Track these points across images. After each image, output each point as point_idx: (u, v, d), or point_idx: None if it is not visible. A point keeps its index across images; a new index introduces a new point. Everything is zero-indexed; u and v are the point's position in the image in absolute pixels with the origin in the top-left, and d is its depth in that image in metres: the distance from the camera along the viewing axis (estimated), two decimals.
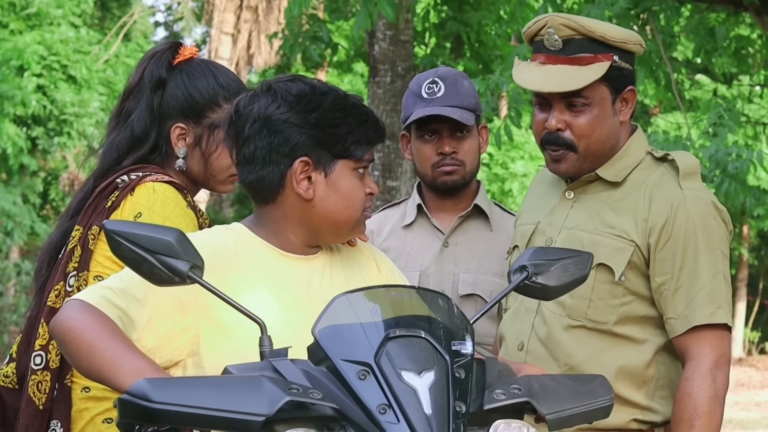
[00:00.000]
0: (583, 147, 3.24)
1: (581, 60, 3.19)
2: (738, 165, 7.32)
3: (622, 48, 3.23)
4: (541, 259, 2.69)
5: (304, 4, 7.90)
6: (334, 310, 2.39)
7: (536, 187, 3.54)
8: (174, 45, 3.37)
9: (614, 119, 3.27)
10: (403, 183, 10.66)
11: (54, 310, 3.13)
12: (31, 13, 20.17)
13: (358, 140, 2.74)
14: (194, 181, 3.33)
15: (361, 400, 2.27)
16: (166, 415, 2.18)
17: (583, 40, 3.19)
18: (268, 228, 2.80)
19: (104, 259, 3.12)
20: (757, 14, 8.46)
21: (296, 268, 2.79)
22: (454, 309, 2.47)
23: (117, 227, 2.47)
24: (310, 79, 2.79)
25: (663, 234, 3.21)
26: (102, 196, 3.20)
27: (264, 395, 2.21)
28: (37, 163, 19.94)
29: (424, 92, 3.78)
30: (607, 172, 3.30)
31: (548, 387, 2.43)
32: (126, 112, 3.33)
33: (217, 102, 3.29)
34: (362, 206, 2.78)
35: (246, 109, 2.75)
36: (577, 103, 3.21)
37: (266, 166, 2.73)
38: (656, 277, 3.22)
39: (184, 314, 2.63)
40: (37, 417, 3.08)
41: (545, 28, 3.21)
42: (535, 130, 3.32)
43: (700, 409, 3.12)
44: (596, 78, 3.18)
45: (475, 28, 11.75)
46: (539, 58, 3.25)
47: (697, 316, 3.17)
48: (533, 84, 3.24)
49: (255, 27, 20.43)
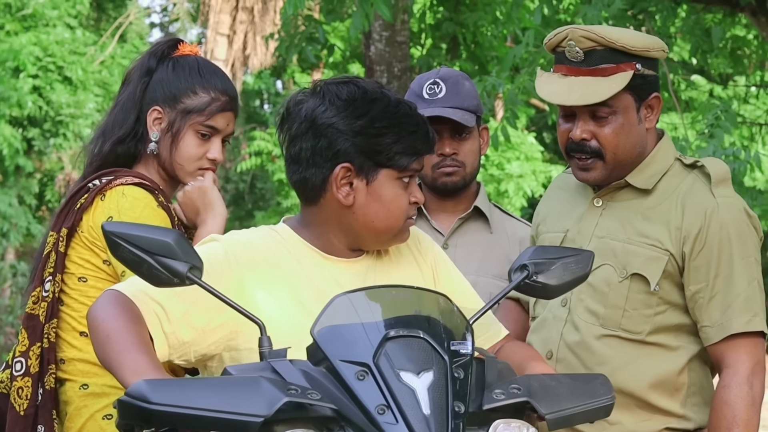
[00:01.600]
0: (610, 155, 3.21)
1: (604, 71, 3.17)
2: (735, 167, 7.32)
3: (644, 56, 3.20)
4: (541, 258, 2.69)
5: (299, 5, 7.89)
6: (333, 310, 2.40)
7: (558, 192, 3.50)
8: (174, 41, 3.40)
9: (640, 127, 3.24)
10: None
11: (32, 316, 3.15)
12: (26, 14, 20.14)
13: (403, 150, 2.71)
14: (166, 171, 3.34)
15: (360, 401, 2.28)
16: (165, 416, 2.19)
17: (605, 50, 3.17)
18: (312, 230, 2.80)
19: (83, 261, 3.13)
20: (753, 15, 8.47)
21: (338, 271, 2.78)
22: (454, 309, 2.47)
23: (116, 229, 2.48)
24: (366, 83, 2.77)
25: (697, 242, 3.19)
26: (73, 200, 3.22)
27: (262, 396, 2.21)
28: (33, 165, 19.90)
29: (426, 93, 3.78)
30: (636, 179, 3.27)
31: (548, 386, 2.43)
32: (117, 101, 3.39)
33: (194, 90, 3.32)
34: (404, 216, 2.76)
35: (296, 107, 2.75)
36: (601, 113, 3.19)
37: (310, 168, 2.73)
38: (691, 285, 3.21)
39: (221, 311, 2.61)
40: (18, 423, 3.10)
41: (566, 41, 3.19)
42: (560, 140, 3.29)
43: (738, 417, 3.12)
44: (619, 89, 3.16)
45: (471, 29, 11.73)
46: (561, 69, 3.23)
47: (733, 324, 3.16)
48: (557, 97, 3.23)
49: (251, 28, 20.40)
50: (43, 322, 3.13)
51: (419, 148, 2.74)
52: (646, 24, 8.52)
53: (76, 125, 19.45)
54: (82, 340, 3.12)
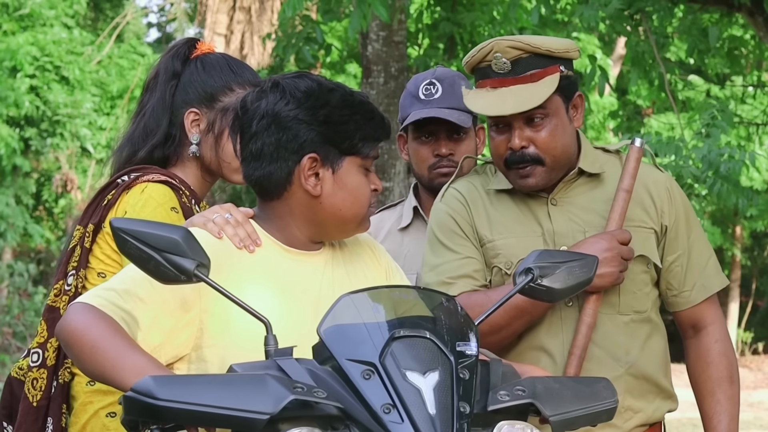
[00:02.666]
0: (550, 159, 3.26)
1: (533, 77, 3.23)
2: (730, 166, 7.33)
3: (565, 57, 3.28)
4: (546, 262, 2.70)
5: (297, 7, 7.90)
6: (339, 309, 2.40)
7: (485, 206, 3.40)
8: (191, 40, 3.41)
9: (571, 126, 3.32)
10: (396, 184, 10.66)
11: (53, 308, 3.16)
12: (23, 14, 20.14)
13: (365, 137, 2.76)
14: (209, 170, 3.34)
15: (366, 400, 2.28)
16: (171, 412, 2.19)
17: (530, 57, 3.23)
18: (272, 223, 2.81)
19: (105, 257, 3.14)
20: (750, 15, 8.48)
21: (299, 264, 2.80)
22: (458, 310, 2.48)
23: (124, 225, 2.49)
24: (317, 76, 2.81)
25: (671, 214, 3.37)
26: (102, 195, 3.23)
27: (269, 394, 2.22)
28: (30, 165, 19.90)
29: (422, 93, 3.78)
30: (586, 165, 3.35)
31: (552, 389, 2.44)
32: (142, 106, 3.38)
33: (230, 86, 3.33)
34: (368, 202, 2.81)
35: (253, 105, 2.77)
36: (536, 117, 3.24)
37: (274, 163, 2.75)
38: (668, 255, 3.38)
39: (186, 309, 2.64)
40: (30, 413, 3.11)
41: (491, 53, 3.24)
42: (495, 153, 3.31)
43: (734, 366, 3.41)
44: (552, 91, 3.22)
45: (468, 29, 11.74)
46: (488, 84, 3.27)
47: (714, 283, 3.42)
48: (492, 109, 3.25)
49: (248, 28, 20.40)
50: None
51: (378, 135, 2.79)
52: (643, 24, 8.52)
53: (73, 125, 19.45)
54: None
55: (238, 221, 2.77)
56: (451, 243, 3.35)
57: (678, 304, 3.41)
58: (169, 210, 3.13)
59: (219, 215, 2.77)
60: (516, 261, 3.28)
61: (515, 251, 3.30)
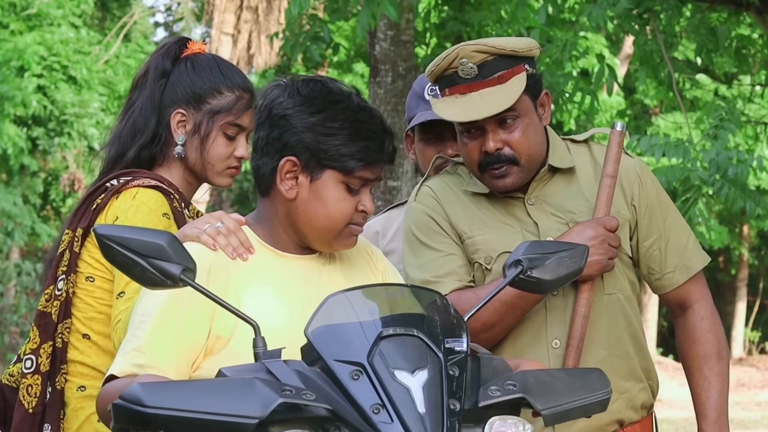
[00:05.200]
0: (525, 158, 3.25)
1: (501, 78, 3.22)
2: (738, 170, 7.31)
3: (528, 56, 3.28)
4: (536, 253, 2.69)
5: (304, 5, 7.88)
6: (326, 310, 2.39)
7: (462, 204, 3.38)
8: (182, 40, 3.38)
9: (540, 125, 3.31)
10: (404, 183, 10.66)
11: (44, 314, 3.15)
12: (31, 13, 20.18)
13: (350, 154, 2.70)
14: (192, 172, 3.32)
15: (355, 401, 2.27)
16: (160, 419, 2.18)
17: (496, 59, 3.22)
18: (265, 226, 2.81)
19: (94, 261, 3.13)
20: (758, 14, 8.46)
21: (294, 268, 2.79)
22: (448, 306, 2.47)
23: (108, 231, 2.48)
24: (334, 85, 2.78)
25: (642, 199, 3.37)
26: (90, 199, 3.21)
27: (257, 397, 2.20)
28: (38, 164, 19.94)
29: (427, 94, 3.76)
30: (555, 161, 3.34)
31: (544, 382, 2.42)
32: (131, 104, 3.35)
33: (219, 89, 3.29)
34: (344, 221, 2.75)
35: (265, 97, 2.78)
36: (508, 118, 3.23)
37: (262, 157, 2.76)
38: (644, 241, 3.38)
39: (202, 331, 2.67)
40: (26, 420, 3.10)
41: (457, 59, 3.22)
42: (469, 159, 3.29)
43: (722, 342, 3.40)
44: (521, 91, 3.22)
45: (475, 28, 11.73)
46: (456, 90, 3.25)
47: (695, 262, 3.42)
48: (464, 115, 3.23)
49: (255, 27, 20.42)
50: (56, 321, 3.13)
51: (370, 155, 2.72)
52: (652, 23, 8.51)
53: (80, 124, 19.49)
54: (85, 343, 3.12)
55: (230, 229, 2.76)
56: (432, 241, 3.32)
57: (663, 287, 3.41)
58: (161, 216, 3.10)
59: (210, 225, 2.76)
60: (495, 255, 3.26)
61: (495, 246, 3.28)
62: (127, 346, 2.64)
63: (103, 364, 3.08)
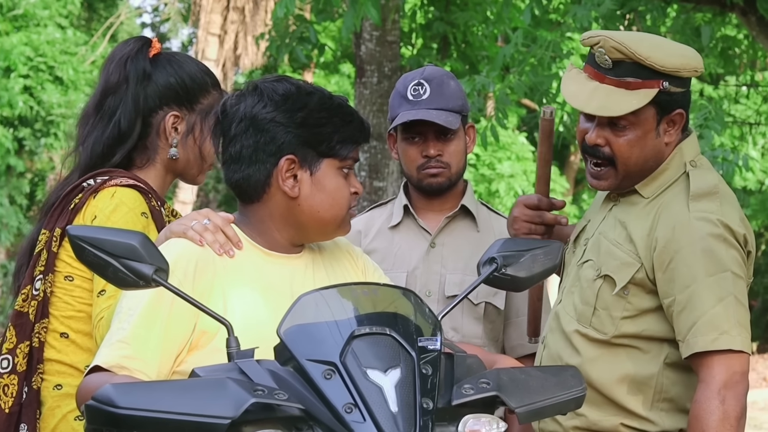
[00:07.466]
0: (621, 166, 3.19)
1: (628, 84, 3.14)
2: (724, 168, 7.33)
3: (672, 74, 3.16)
4: (510, 250, 2.69)
5: (290, 7, 7.89)
6: (299, 309, 2.39)
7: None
8: (145, 40, 3.35)
9: (657, 141, 3.20)
10: (389, 183, 10.66)
11: (21, 314, 3.14)
12: (17, 14, 20.12)
13: (343, 139, 2.77)
14: (174, 171, 3.32)
15: (328, 400, 2.27)
16: (132, 420, 2.18)
17: (633, 64, 3.13)
18: (253, 226, 2.82)
19: (72, 260, 3.11)
20: (743, 14, 8.48)
21: (280, 267, 2.81)
22: (421, 305, 2.47)
23: (80, 232, 2.48)
24: (296, 80, 2.83)
25: (665, 255, 3.13)
26: (67, 199, 3.20)
27: (229, 397, 2.20)
28: (24, 164, 19.89)
29: (410, 94, 3.76)
30: (645, 189, 3.24)
31: (518, 380, 2.42)
32: (108, 109, 3.30)
33: (207, 88, 3.30)
34: (347, 205, 2.82)
35: (233, 108, 2.78)
36: (619, 123, 3.17)
37: (252, 165, 2.76)
38: (663, 297, 3.15)
39: (186, 330, 2.68)
40: (2, 420, 3.10)
41: (597, 47, 3.17)
42: (578, 137, 3.29)
43: (706, 429, 3.01)
44: (640, 106, 3.13)
45: (461, 28, 11.75)
46: (589, 71, 3.21)
47: (698, 342, 3.08)
48: (577, 101, 3.21)
49: (242, 28, 20.40)
50: (33, 321, 3.12)
51: (357, 137, 2.80)
52: (636, 23, 8.52)
53: (67, 125, 19.42)
54: (62, 342, 3.12)
55: (217, 226, 2.77)
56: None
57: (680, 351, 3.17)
58: (139, 215, 3.10)
59: (197, 222, 2.77)
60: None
61: None
62: (112, 338, 2.64)
63: (81, 361, 3.08)
